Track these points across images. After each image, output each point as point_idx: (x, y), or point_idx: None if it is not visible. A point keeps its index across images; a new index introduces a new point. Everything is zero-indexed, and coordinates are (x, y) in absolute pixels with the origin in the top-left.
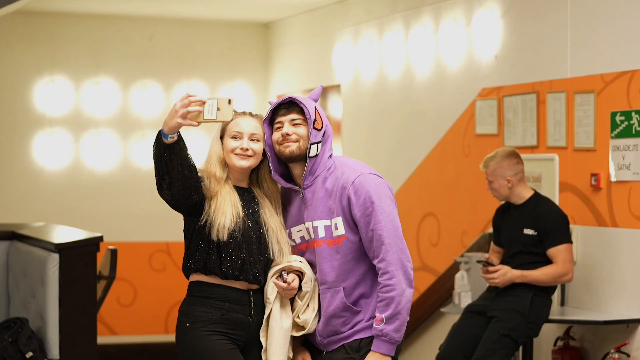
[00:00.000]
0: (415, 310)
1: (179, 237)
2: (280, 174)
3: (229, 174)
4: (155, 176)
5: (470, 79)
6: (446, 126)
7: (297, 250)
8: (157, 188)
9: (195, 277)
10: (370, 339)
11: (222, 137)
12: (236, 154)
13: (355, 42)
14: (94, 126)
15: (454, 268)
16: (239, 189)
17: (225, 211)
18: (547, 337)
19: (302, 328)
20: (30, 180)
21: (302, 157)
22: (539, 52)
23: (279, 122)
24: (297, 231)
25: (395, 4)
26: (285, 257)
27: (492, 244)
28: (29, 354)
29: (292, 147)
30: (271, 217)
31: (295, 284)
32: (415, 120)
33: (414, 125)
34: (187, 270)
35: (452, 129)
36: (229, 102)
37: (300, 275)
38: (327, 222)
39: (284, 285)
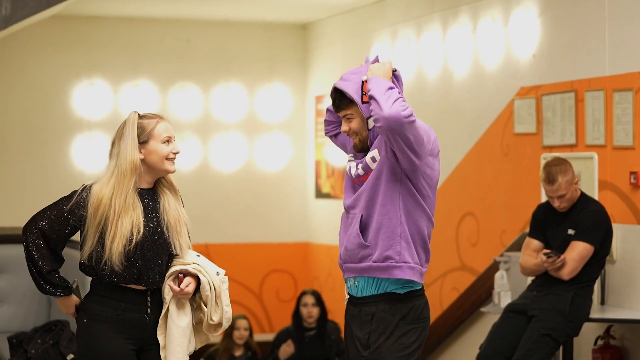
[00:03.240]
0: (455, 310)
1: (219, 238)
2: None
3: (137, 180)
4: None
5: (509, 78)
6: (485, 126)
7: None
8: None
9: None
10: (378, 335)
11: (142, 143)
12: (169, 159)
13: (393, 42)
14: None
15: (494, 268)
16: (143, 193)
17: (123, 236)
18: (588, 336)
19: (219, 325)
20: (70, 184)
21: (366, 148)
22: (577, 50)
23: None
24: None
25: (433, 4)
26: (184, 252)
27: (529, 240)
28: (70, 356)
29: (354, 141)
30: (170, 211)
31: (190, 288)
32: (453, 120)
33: (452, 125)
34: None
35: (490, 129)
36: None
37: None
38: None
39: (177, 289)
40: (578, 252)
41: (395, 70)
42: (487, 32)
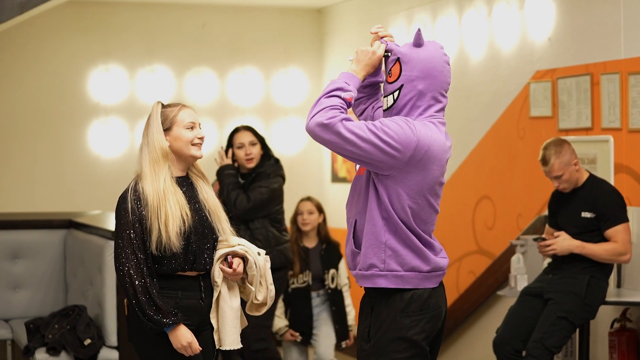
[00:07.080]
0: (471, 294)
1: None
2: None
3: (170, 168)
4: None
5: (524, 62)
6: (500, 109)
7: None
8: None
9: None
10: (377, 328)
11: (166, 130)
12: (194, 144)
13: (409, 26)
14: (148, 114)
15: (510, 251)
16: (179, 181)
17: (176, 217)
18: (604, 319)
19: (264, 304)
20: (86, 169)
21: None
22: (593, 33)
23: None
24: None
25: None
26: (227, 234)
27: (547, 226)
28: (87, 341)
29: None
30: (208, 197)
31: (240, 269)
32: (469, 103)
33: (468, 108)
34: None
35: (506, 112)
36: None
37: (244, 260)
38: None
39: (230, 271)
40: (621, 236)
41: (388, 55)
42: (503, 15)
